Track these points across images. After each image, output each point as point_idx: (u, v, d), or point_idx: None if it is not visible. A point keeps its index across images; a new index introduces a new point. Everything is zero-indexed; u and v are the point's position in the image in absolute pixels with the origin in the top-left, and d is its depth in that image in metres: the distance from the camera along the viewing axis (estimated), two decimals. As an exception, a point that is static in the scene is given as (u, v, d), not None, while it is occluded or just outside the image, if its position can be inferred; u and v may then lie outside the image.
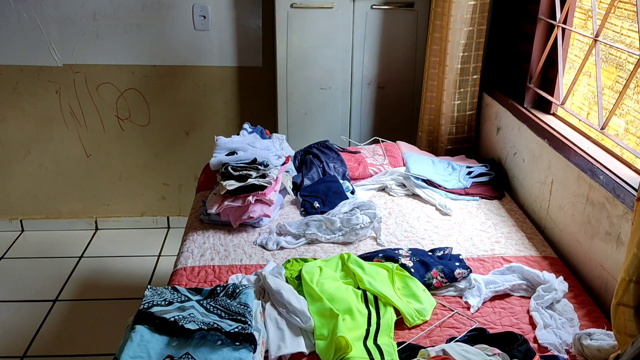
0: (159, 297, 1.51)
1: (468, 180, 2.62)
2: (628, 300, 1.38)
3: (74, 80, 3.35)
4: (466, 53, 2.80)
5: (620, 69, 2.12)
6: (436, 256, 2.01)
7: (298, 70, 3.06)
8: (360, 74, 3.12)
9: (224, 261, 2.05)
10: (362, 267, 1.86)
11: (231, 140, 2.44)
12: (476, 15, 2.73)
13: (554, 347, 1.60)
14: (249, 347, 1.39)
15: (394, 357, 1.52)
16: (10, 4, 3.12)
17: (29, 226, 3.67)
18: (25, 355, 2.62)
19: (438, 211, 2.42)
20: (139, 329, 1.41)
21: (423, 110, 3.03)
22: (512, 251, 2.13)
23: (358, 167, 2.72)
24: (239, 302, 1.53)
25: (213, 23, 3.26)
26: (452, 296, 1.86)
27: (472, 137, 3.02)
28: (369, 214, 2.22)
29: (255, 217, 2.23)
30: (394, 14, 3.01)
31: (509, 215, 2.40)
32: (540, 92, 2.50)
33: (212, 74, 3.37)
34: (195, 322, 1.42)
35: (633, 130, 2.03)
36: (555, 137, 2.21)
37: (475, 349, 1.45)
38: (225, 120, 3.49)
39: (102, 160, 3.56)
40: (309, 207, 2.37)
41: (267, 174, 2.27)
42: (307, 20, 2.98)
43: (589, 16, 2.28)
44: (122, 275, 3.24)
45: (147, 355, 1.35)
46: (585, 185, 2.02)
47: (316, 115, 3.17)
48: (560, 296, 1.79)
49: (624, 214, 1.79)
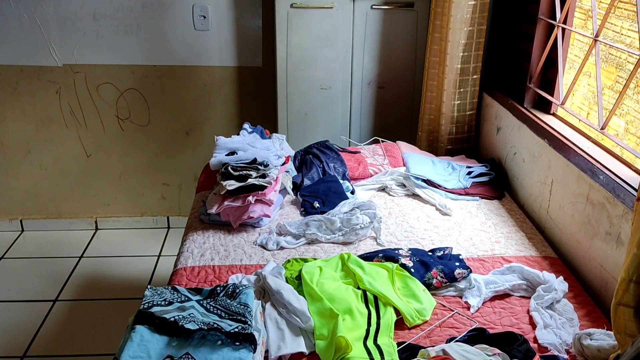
0: (159, 297, 1.51)
1: (468, 180, 2.62)
2: (628, 300, 1.38)
3: (74, 80, 3.35)
4: (466, 53, 2.80)
5: (620, 69, 2.12)
6: (436, 256, 2.01)
7: (298, 70, 3.06)
8: (360, 74, 3.11)
9: (224, 261, 2.05)
10: (362, 267, 1.86)
11: (231, 140, 2.44)
12: (476, 15, 2.73)
13: (554, 347, 1.60)
14: (249, 347, 1.39)
15: (394, 357, 1.52)
16: (10, 4, 3.12)
17: (29, 226, 3.67)
18: (25, 355, 2.62)
19: (438, 211, 2.42)
20: (139, 329, 1.41)
21: (423, 110, 3.03)
22: (512, 251, 2.13)
23: (358, 167, 2.72)
24: (238, 302, 1.53)
25: (213, 23, 3.26)
26: (452, 296, 1.86)
27: (472, 137, 3.02)
28: (369, 214, 2.22)
29: (255, 217, 2.23)
30: (394, 14, 3.01)
31: (509, 215, 2.40)
32: (540, 92, 2.50)
33: (212, 74, 3.37)
34: (195, 322, 1.42)
35: (633, 130, 2.03)
36: (555, 137, 2.21)
37: (475, 349, 1.45)
38: (225, 120, 3.49)
39: (102, 160, 3.56)
40: (309, 207, 2.37)
41: (267, 174, 2.27)
42: (307, 20, 2.98)
43: (589, 16, 2.28)
44: (122, 275, 3.24)
45: (147, 355, 1.35)
46: (585, 185, 2.02)
47: (316, 115, 3.17)
48: (560, 296, 1.79)
49: (624, 214, 1.79)
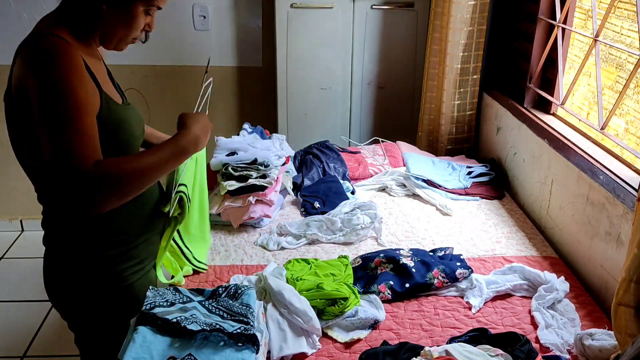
0: (161, 298, 1.51)
1: (468, 180, 2.62)
2: (629, 300, 1.38)
3: (73, 80, 3.34)
4: (466, 53, 2.80)
5: (620, 69, 2.13)
6: (437, 256, 2.01)
7: (298, 70, 3.06)
8: (360, 74, 3.12)
9: (225, 261, 2.05)
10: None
11: (231, 141, 2.44)
12: (476, 15, 2.73)
13: (556, 347, 1.61)
14: (251, 347, 1.39)
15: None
16: (10, 4, 3.11)
17: (29, 226, 3.66)
18: (25, 355, 2.62)
19: (438, 211, 2.42)
20: (141, 330, 1.41)
21: (423, 110, 3.03)
22: (512, 251, 2.14)
23: (358, 167, 2.72)
24: (240, 302, 1.53)
25: (213, 23, 3.26)
26: (454, 296, 1.86)
27: (472, 137, 3.02)
28: (369, 214, 2.22)
29: (256, 217, 2.23)
30: (394, 14, 3.01)
31: (509, 215, 2.40)
32: (540, 92, 2.51)
33: (212, 74, 3.37)
34: (198, 323, 1.42)
35: (633, 130, 2.04)
36: (555, 137, 2.21)
37: (478, 349, 1.45)
38: (225, 120, 3.49)
39: (102, 160, 3.55)
40: (310, 207, 2.38)
41: (268, 174, 2.27)
42: (307, 20, 2.98)
43: (589, 16, 2.28)
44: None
45: (150, 356, 1.35)
46: (585, 185, 2.02)
47: (316, 115, 3.17)
48: (561, 296, 1.79)
49: (624, 214, 1.80)
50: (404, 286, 1.85)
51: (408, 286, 1.84)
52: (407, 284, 1.85)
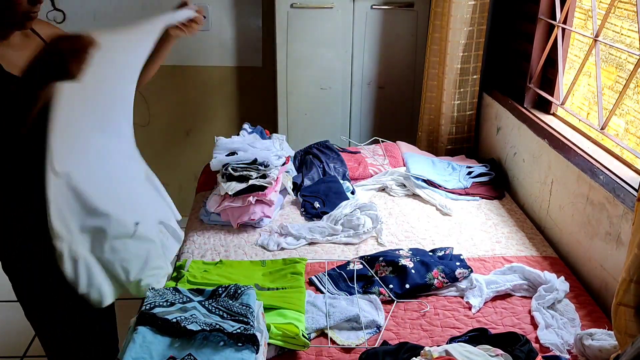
0: (161, 298, 1.51)
1: (468, 180, 2.62)
2: (629, 300, 1.38)
3: (73, 80, 3.34)
4: (466, 53, 2.80)
5: (620, 69, 2.13)
6: (437, 256, 2.01)
7: (298, 70, 3.06)
8: (360, 74, 3.12)
9: (225, 262, 2.05)
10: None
11: (231, 141, 2.44)
12: (476, 15, 2.73)
13: (556, 347, 1.61)
14: (251, 347, 1.39)
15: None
16: None
17: (29, 226, 3.66)
18: (25, 355, 2.62)
19: (438, 211, 2.42)
20: (141, 330, 1.41)
21: (423, 110, 3.03)
22: (512, 251, 2.14)
23: (358, 167, 2.72)
24: (240, 302, 1.53)
25: (213, 23, 3.26)
26: (454, 296, 1.86)
27: (472, 137, 3.02)
28: (371, 215, 2.23)
29: (256, 217, 2.23)
30: (394, 14, 3.01)
31: (509, 215, 2.40)
32: (540, 92, 2.51)
33: (212, 74, 3.37)
34: (198, 323, 1.42)
35: (633, 130, 2.04)
36: (555, 137, 2.21)
37: (478, 349, 1.45)
38: (225, 120, 3.48)
39: (101, 161, 3.55)
40: (310, 208, 2.37)
41: (268, 174, 2.27)
42: (307, 20, 2.98)
43: (589, 16, 2.28)
44: (122, 275, 3.23)
45: (150, 356, 1.35)
46: (585, 185, 2.02)
47: (316, 115, 3.17)
48: (561, 296, 1.79)
49: (624, 214, 1.80)
50: (404, 287, 1.85)
51: (408, 287, 1.84)
52: (407, 284, 1.85)
